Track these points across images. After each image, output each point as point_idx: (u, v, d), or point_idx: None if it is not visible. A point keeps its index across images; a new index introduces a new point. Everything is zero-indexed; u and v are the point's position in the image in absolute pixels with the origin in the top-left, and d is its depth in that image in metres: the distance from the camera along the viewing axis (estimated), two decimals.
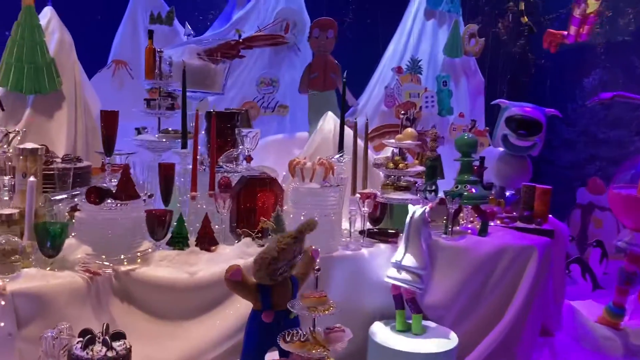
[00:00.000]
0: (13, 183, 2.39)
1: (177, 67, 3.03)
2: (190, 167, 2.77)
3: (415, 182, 3.22)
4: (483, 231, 3.23)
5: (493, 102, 4.26)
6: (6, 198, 2.38)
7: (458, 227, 3.29)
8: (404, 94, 4.71)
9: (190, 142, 2.96)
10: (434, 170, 3.26)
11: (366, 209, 2.95)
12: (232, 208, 2.78)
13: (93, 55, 4.67)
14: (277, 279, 2.20)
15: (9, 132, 2.50)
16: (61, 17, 3.41)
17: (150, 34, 3.22)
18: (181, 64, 3.07)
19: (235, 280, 2.18)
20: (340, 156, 3.00)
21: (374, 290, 2.84)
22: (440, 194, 3.17)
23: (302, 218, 2.72)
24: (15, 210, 2.27)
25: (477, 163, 3.54)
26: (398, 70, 4.78)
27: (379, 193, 3.09)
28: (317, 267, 2.25)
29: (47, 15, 3.24)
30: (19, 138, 2.55)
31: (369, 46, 5.22)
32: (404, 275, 2.73)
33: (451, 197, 3.11)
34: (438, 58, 5.07)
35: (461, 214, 3.37)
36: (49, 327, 2.00)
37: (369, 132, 4.14)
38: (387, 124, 4.26)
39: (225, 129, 3.04)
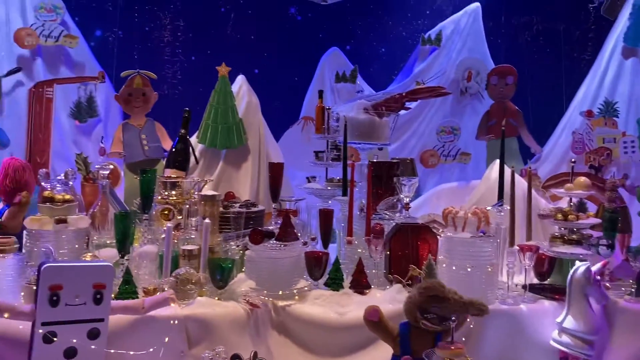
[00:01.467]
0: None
1: (343, 122, 3.30)
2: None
3: (590, 236, 2.95)
4: None
5: None
6: (193, 236, 2.83)
7: None
8: (595, 139, 4.33)
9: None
10: (613, 224, 2.96)
11: (527, 262, 2.80)
12: (385, 254, 2.89)
13: (290, 111, 5.28)
14: (419, 325, 2.23)
15: (200, 181, 2.99)
16: (266, 81, 3.97)
17: (320, 93, 3.59)
18: (349, 119, 3.33)
19: (372, 321, 2.27)
20: (500, 205, 2.91)
21: (533, 349, 2.65)
22: None
23: (453, 268, 2.71)
24: (196, 247, 2.68)
25: None
26: (588, 114, 4.43)
27: (545, 245, 2.91)
28: (453, 317, 2.22)
29: (239, 83, 3.81)
30: (207, 186, 3.03)
31: (555, 90, 4.95)
32: (566, 338, 2.53)
33: (633, 255, 2.78)
34: None
35: None
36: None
37: (547, 180, 3.95)
38: (566, 172, 3.97)
39: (386, 178, 3.19)
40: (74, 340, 2.08)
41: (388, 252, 2.89)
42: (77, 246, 2.68)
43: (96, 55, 5.28)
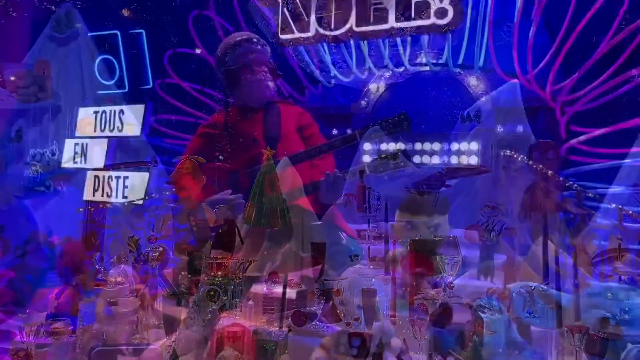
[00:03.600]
0: None
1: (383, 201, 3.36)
2: None
3: None
4: None
5: None
6: (237, 317, 2.87)
7: None
8: None
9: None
10: None
11: (577, 343, 2.70)
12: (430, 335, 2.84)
13: None
14: None
15: (244, 261, 3.08)
16: None
17: (361, 173, 3.67)
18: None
19: None
20: (545, 284, 2.86)
21: None
22: None
23: (500, 350, 2.65)
24: (239, 329, 2.73)
25: None
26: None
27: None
28: None
29: (283, 164, 3.94)
30: (251, 267, 3.11)
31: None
32: None
33: None
34: None
35: None
36: None
37: (595, 257, 3.84)
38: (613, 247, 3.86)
39: (428, 256, 3.19)
40: None
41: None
42: (126, 328, 2.77)
43: None
